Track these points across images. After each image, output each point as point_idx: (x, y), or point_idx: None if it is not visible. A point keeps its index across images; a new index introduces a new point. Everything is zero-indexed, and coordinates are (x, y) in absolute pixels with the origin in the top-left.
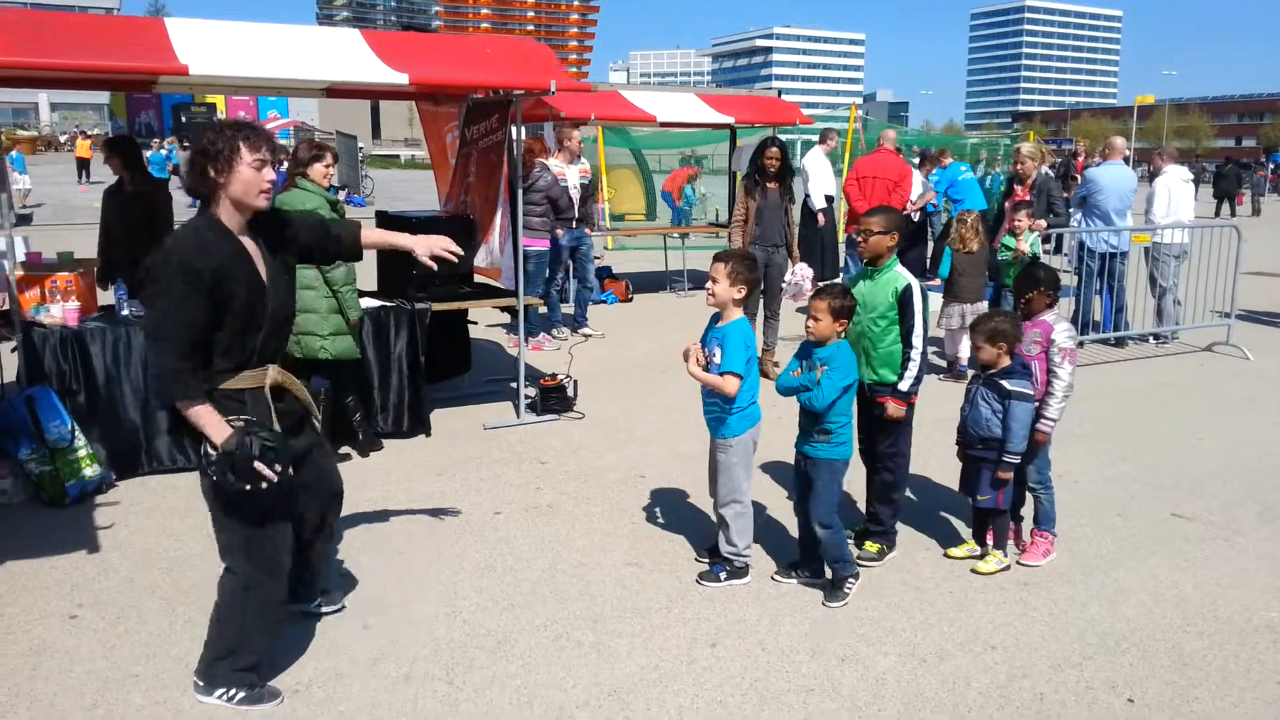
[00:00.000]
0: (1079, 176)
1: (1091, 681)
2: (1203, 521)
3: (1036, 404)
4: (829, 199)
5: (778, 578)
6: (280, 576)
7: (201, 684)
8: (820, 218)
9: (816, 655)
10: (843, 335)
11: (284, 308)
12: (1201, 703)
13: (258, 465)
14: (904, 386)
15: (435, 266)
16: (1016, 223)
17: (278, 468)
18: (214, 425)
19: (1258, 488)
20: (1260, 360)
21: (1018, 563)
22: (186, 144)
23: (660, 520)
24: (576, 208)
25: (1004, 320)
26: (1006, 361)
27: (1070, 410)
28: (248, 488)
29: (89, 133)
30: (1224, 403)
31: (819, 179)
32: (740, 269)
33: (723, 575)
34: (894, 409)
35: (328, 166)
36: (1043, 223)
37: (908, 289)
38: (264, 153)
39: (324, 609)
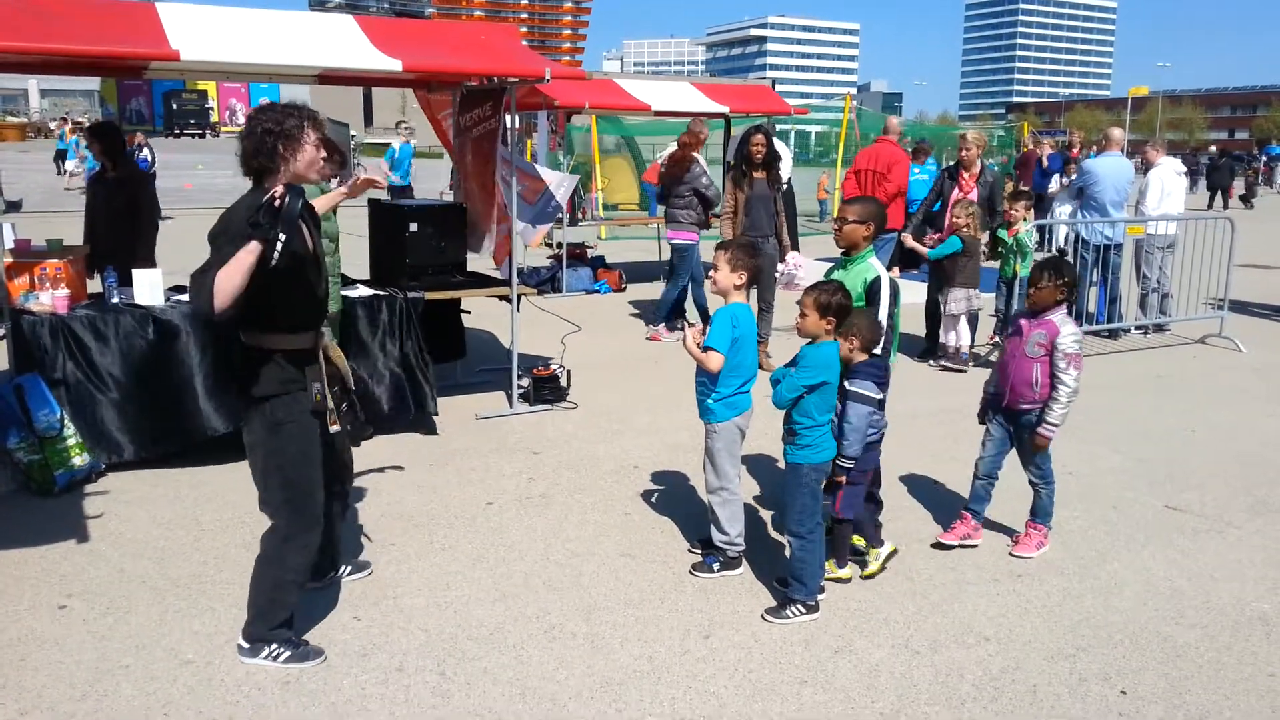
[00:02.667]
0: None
1: (1085, 673)
2: (1196, 514)
3: (1030, 405)
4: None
5: (777, 585)
6: (317, 530)
7: (246, 646)
8: None
9: (810, 646)
10: (832, 335)
11: (324, 277)
12: (1194, 694)
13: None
14: None
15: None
16: (1013, 213)
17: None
18: (240, 254)
19: (1250, 480)
20: (1253, 352)
21: (1010, 554)
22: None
23: (654, 511)
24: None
25: (859, 316)
26: (861, 357)
27: None
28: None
29: (76, 119)
30: (1217, 395)
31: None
32: (740, 255)
33: (716, 566)
34: None
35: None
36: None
37: (876, 280)
38: (320, 133)
39: (352, 576)
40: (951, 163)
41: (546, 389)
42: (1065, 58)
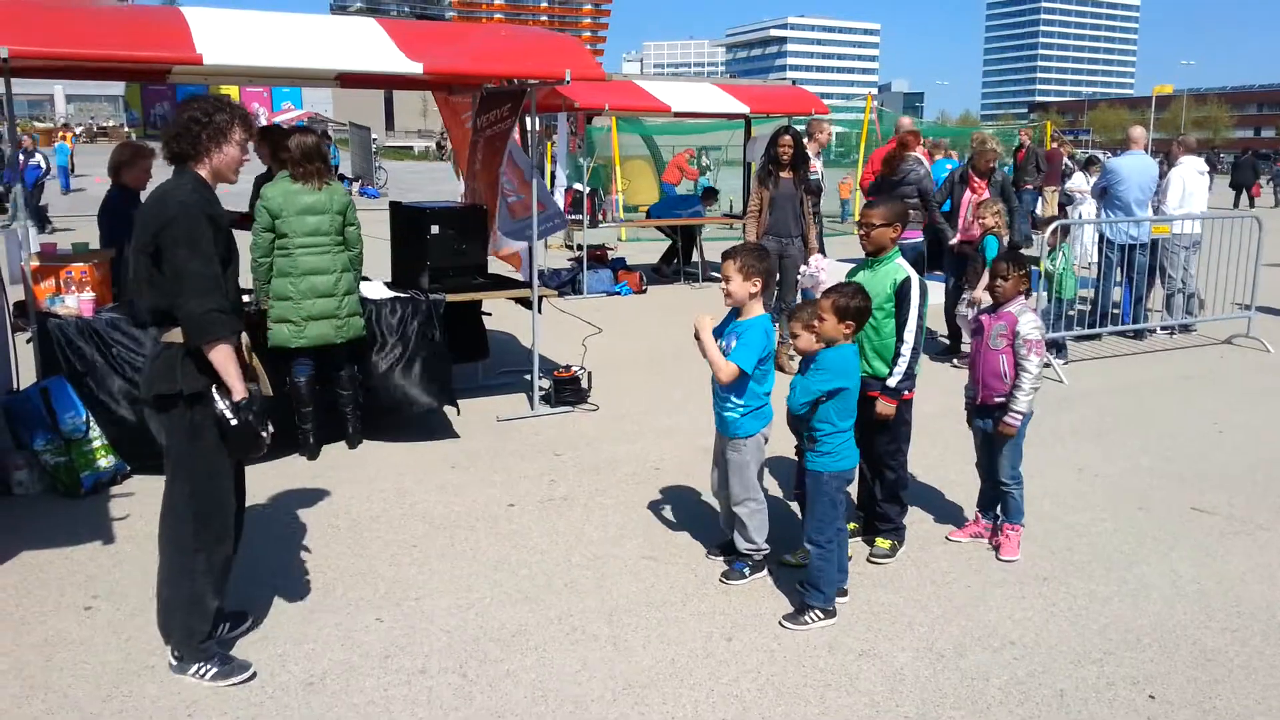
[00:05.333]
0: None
1: (1112, 678)
2: (1224, 515)
3: (1004, 398)
4: None
5: (788, 558)
6: (227, 541)
7: (175, 662)
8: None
9: (833, 650)
10: (850, 338)
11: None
12: (1224, 699)
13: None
14: (891, 382)
15: None
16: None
17: (270, 428)
18: (236, 371)
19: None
20: None
21: (997, 558)
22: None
23: (675, 513)
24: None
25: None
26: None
27: (1089, 402)
28: (262, 434)
29: (101, 125)
30: (1245, 395)
31: None
32: (751, 262)
33: (747, 571)
34: (883, 407)
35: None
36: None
37: (906, 281)
38: (249, 135)
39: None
40: (957, 165)
41: (568, 391)
42: (1088, 56)
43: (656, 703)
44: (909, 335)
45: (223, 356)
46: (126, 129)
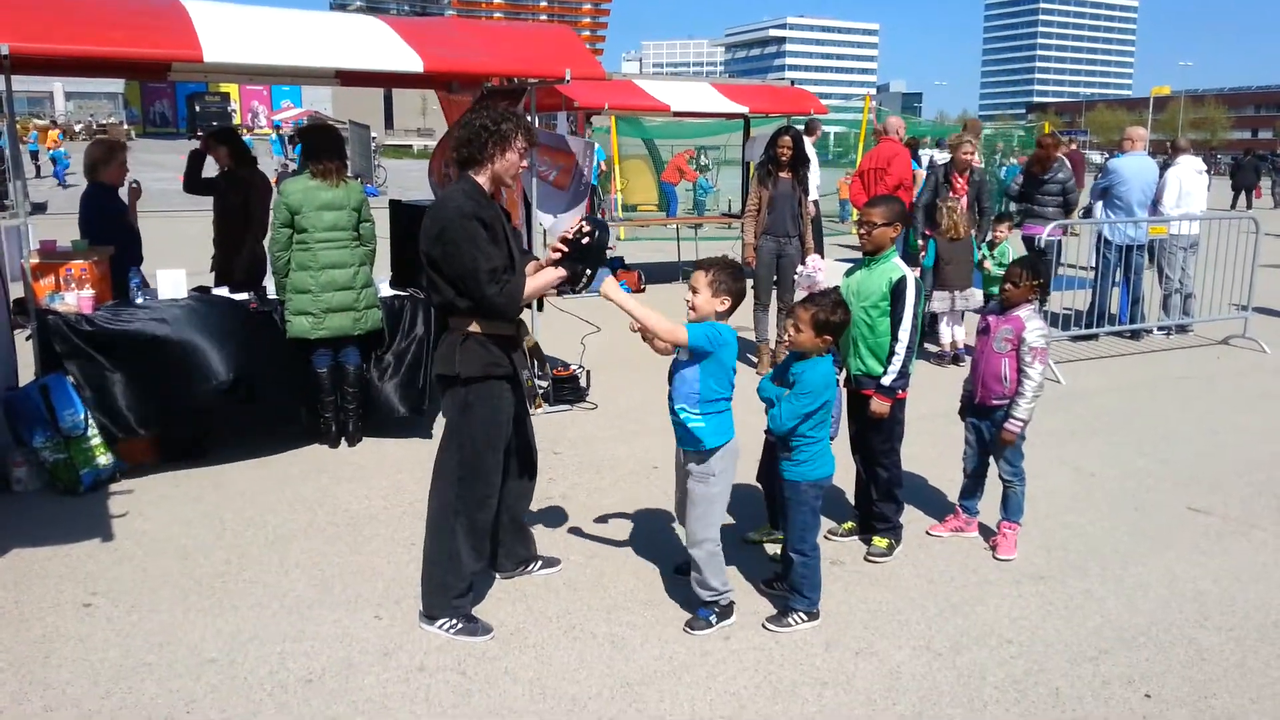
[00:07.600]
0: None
1: (1108, 676)
2: (1220, 516)
3: (1001, 400)
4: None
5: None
6: (487, 509)
7: (424, 614)
8: (813, 208)
9: (830, 648)
10: (825, 351)
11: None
12: (1220, 698)
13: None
14: (886, 380)
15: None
16: (997, 234)
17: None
18: (548, 275)
19: (1275, 482)
20: (1277, 354)
21: (994, 557)
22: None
23: (674, 511)
24: None
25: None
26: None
27: (1086, 403)
28: (588, 271)
29: (101, 123)
30: (1241, 396)
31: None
32: (723, 278)
33: (712, 619)
34: (877, 405)
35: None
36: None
37: (902, 280)
38: (531, 142)
39: (541, 571)
40: (943, 163)
41: (566, 389)
42: (1086, 57)
43: (654, 700)
44: (903, 334)
45: (536, 289)
46: (126, 126)
